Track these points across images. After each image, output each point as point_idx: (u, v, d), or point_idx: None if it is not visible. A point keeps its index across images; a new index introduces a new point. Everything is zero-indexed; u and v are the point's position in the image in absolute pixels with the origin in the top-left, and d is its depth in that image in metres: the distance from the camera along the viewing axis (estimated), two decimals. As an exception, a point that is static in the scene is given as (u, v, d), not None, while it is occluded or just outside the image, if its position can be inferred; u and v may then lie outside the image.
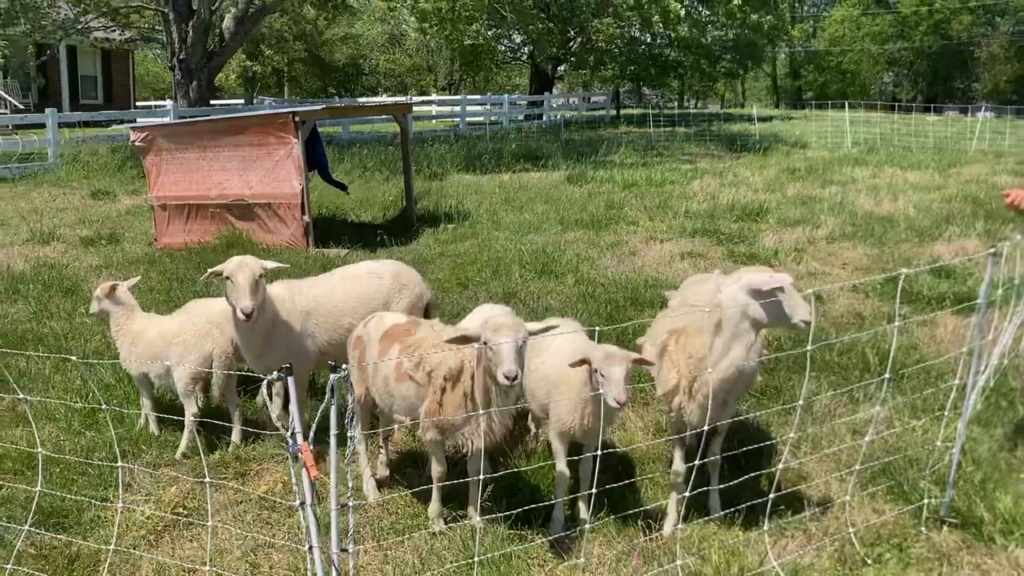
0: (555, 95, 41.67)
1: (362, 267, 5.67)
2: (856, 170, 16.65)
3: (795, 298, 3.92)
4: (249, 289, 4.65)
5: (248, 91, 46.51)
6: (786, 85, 64.15)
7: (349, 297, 5.28)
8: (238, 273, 4.68)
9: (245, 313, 4.63)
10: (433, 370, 4.22)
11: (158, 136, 11.51)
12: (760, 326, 3.98)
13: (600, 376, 3.89)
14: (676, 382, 4.28)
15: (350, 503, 2.94)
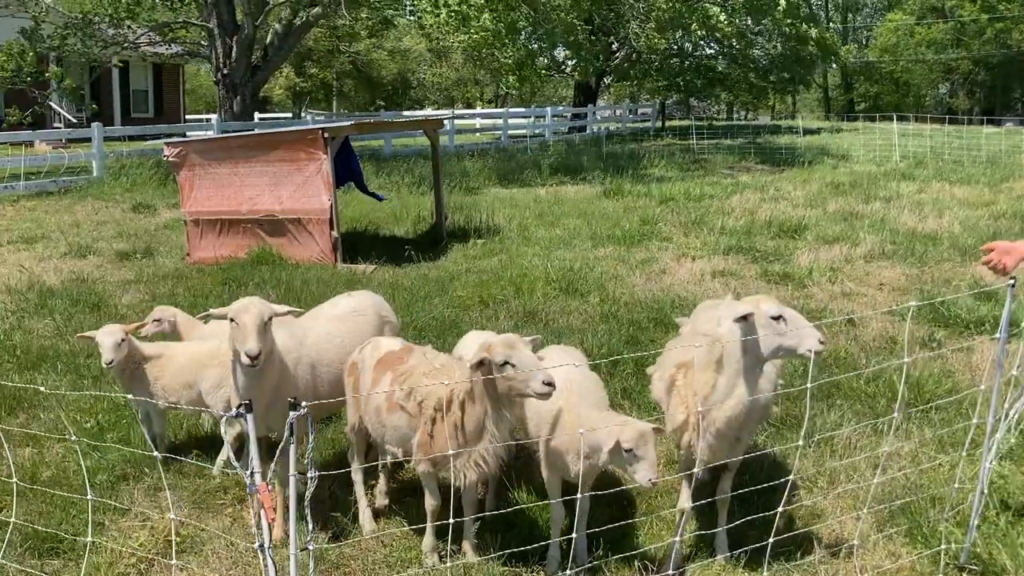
0: (600, 107, 41.49)
1: (342, 306, 5.26)
2: (902, 185, 16.20)
3: (800, 326, 3.67)
4: (256, 331, 4.10)
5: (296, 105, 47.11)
6: (837, 97, 63.12)
7: (345, 341, 4.93)
8: (243, 314, 4.14)
9: (251, 356, 4.04)
10: (423, 400, 4.09)
11: (191, 151, 11.60)
12: (762, 359, 3.75)
13: (633, 456, 3.73)
14: (684, 418, 4.09)
15: (310, 547, 2.81)
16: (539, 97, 61.37)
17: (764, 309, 3.71)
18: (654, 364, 4.84)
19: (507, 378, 3.72)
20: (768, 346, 3.69)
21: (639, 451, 3.70)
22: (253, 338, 4.05)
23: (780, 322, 3.68)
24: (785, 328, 3.67)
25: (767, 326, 3.69)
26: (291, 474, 2.75)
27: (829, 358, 6.85)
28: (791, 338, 3.67)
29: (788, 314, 3.71)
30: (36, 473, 5.15)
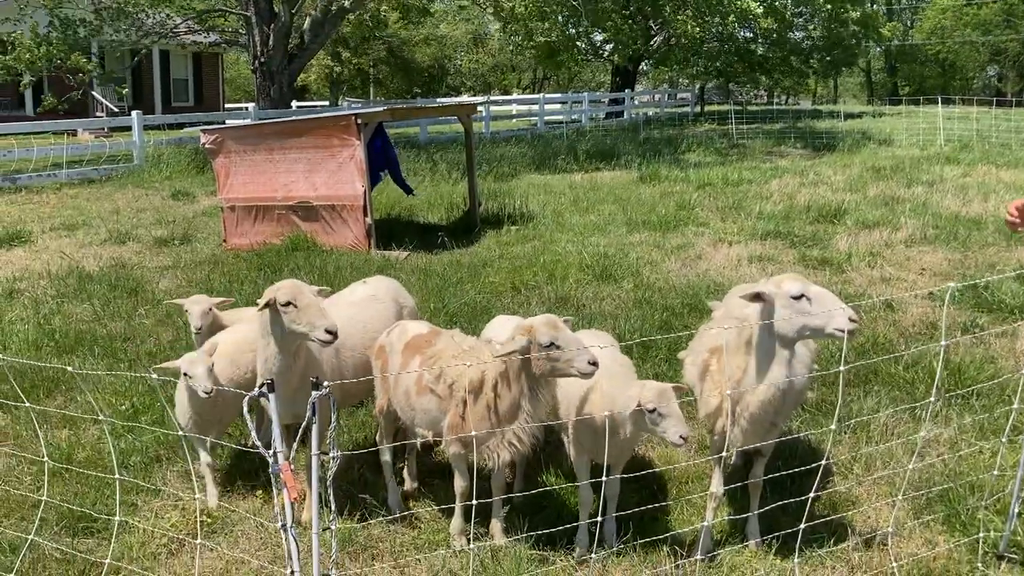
0: (638, 92, 41.16)
1: (359, 292, 5.22)
2: (946, 168, 15.84)
3: (827, 305, 3.53)
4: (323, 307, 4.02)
5: (333, 92, 47.33)
6: (881, 80, 61.97)
7: (367, 327, 4.89)
8: (302, 296, 3.99)
9: (332, 331, 3.91)
10: (454, 382, 4.07)
11: (227, 138, 11.68)
12: (788, 340, 3.64)
13: (658, 415, 3.67)
14: (718, 403, 4.01)
15: (332, 526, 2.80)
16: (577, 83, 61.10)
17: (785, 289, 3.60)
18: (686, 349, 4.77)
19: (552, 358, 3.68)
20: (792, 327, 3.57)
21: (663, 409, 3.66)
22: (326, 313, 3.96)
23: (803, 301, 3.56)
24: (809, 307, 3.54)
25: (788, 306, 3.58)
26: (313, 453, 2.74)
27: (867, 343, 6.72)
28: (818, 317, 3.53)
29: (813, 292, 3.57)
30: (72, 454, 5.22)
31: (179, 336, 7.38)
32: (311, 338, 3.99)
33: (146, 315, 8.12)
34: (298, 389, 4.21)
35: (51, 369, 6.37)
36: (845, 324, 3.47)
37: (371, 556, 4.25)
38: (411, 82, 53.65)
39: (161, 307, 8.33)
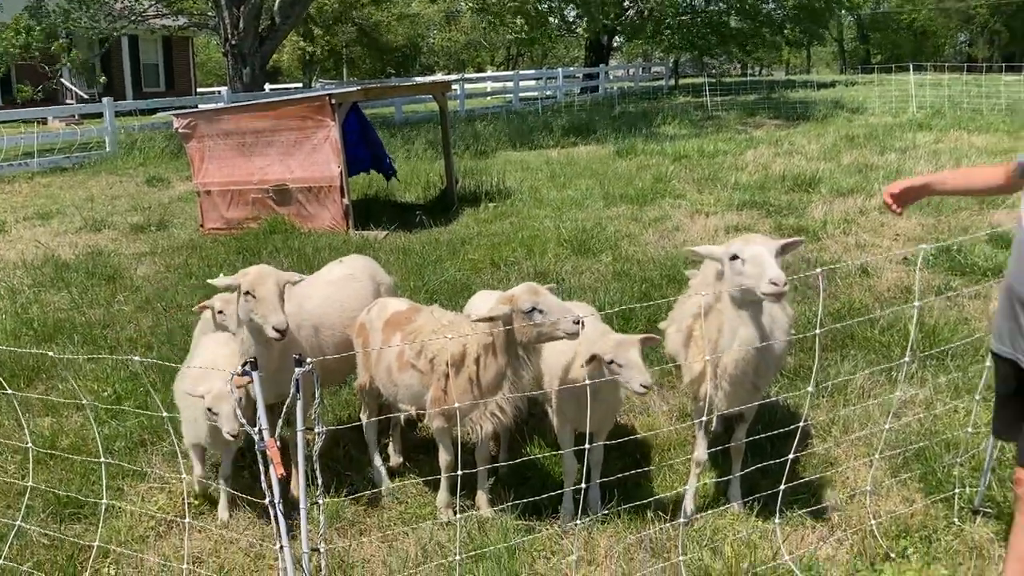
0: (612, 67, 41.08)
1: (336, 272, 5.19)
2: (918, 135, 15.98)
3: (761, 266, 3.46)
4: (280, 303, 3.96)
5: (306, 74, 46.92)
6: (853, 49, 62.16)
7: (345, 305, 4.89)
8: (262, 287, 3.95)
9: (280, 329, 3.90)
10: (435, 357, 4.10)
11: (200, 122, 11.59)
12: (738, 301, 3.61)
13: (616, 366, 3.70)
14: (702, 368, 4.05)
15: (320, 501, 2.83)
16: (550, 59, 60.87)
17: (724, 250, 3.62)
18: (666, 320, 4.82)
19: (536, 324, 3.70)
20: (733, 287, 3.58)
21: (620, 359, 3.67)
22: (279, 310, 3.94)
23: (738, 262, 3.55)
24: (743, 267, 3.53)
25: (729, 267, 3.59)
26: (298, 430, 2.77)
27: (843, 308, 6.81)
28: (751, 278, 3.50)
29: (748, 254, 3.52)
30: (55, 441, 5.21)
31: (159, 322, 7.37)
32: (264, 331, 3.98)
33: (125, 302, 8.08)
34: (278, 369, 4.21)
35: (32, 357, 6.34)
36: (766, 287, 3.41)
37: (359, 531, 4.29)
38: (384, 62, 53.26)
39: (140, 293, 8.30)
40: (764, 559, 3.65)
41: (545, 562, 3.92)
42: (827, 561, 3.72)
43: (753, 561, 3.61)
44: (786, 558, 3.65)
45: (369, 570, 3.94)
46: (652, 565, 3.69)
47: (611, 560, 3.87)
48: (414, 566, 3.87)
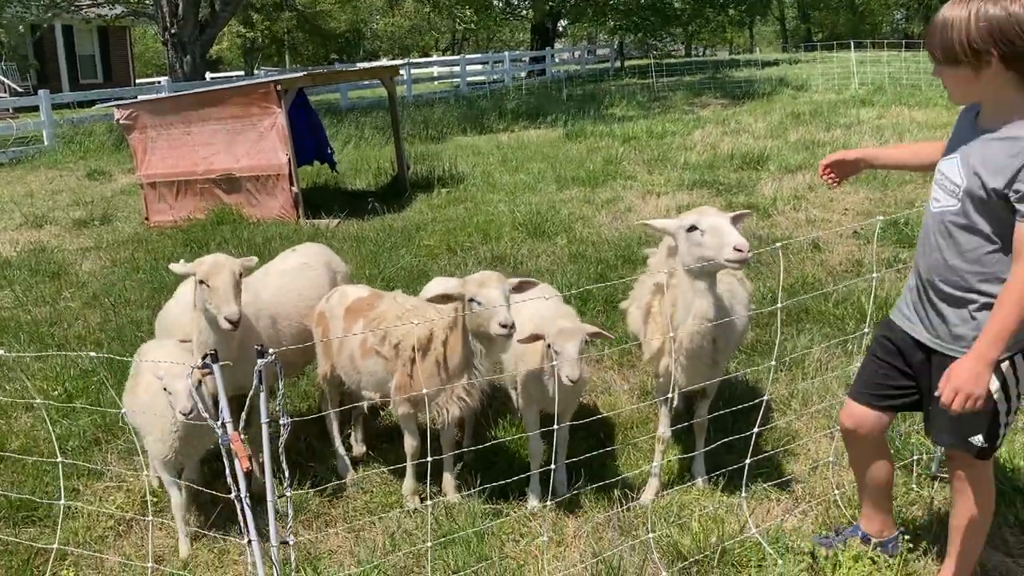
0: (558, 50, 41.07)
1: (291, 261, 5.09)
2: (862, 111, 16.23)
3: (720, 235, 3.46)
4: (234, 292, 3.88)
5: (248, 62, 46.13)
6: (795, 28, 62.92)
7: (302, 295, 4.81)
8: (216, 276, 3.88)
9: (232, 320, 3.84)
10: (400, 342, 4.06)
11: (142, 113, 11.33)
12: (696, 273, 3.59)
13: (554, 352, 3.73)
14: (661, 344, 4.06)
15: (287, 492, 2.78)
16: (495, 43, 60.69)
17: (679, 223, 3.62)
18: (626, 300, 4.82)
19: (475, 314, 3.69)
20: (692, 258, 3.56)
21: (557, 346, 3.70)
22: (232, 300, 3.86)
23: (696, 233, 3.53)
24: (701, 238, 3.51)
25: (686, 239, 3.58)
26: (263, 422, 2.71)
27: (796, 283, 6.90)
28: (711, 248, 3.48)
29: (707, 224, 3.51)
30: (4, 443, 5.06)
31: (108, 318, 7.19)
32: (217, 321, 3.91)
33: (72, 298, 7.88)
34: (237, 360, 4.12)
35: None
36: (730, 254, 3.42)
37: (324, 523, 4.24)
38: (326, 48, 52.56)
39: (87, 289, 8.10)
40: (732, 533, 3.68)
41: (514, 544, 3.91)
42: (793, 532, 3.76)
43: (721, 535, 3.64)
44: (753, 531, 3.69)
45: (337, 561, 3.89)
46: (621, 544, 3.70)
47: (580, 540, 3.87)
48: (382, 555, 3.83)
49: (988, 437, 2.91)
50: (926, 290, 2.97)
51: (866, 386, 3.25)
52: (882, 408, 3.22)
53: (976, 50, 2.61)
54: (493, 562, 3.67)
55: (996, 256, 2.75)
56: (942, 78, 2.81)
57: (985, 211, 2.73)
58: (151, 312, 6.50)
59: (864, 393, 3.25)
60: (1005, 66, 2.61)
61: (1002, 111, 2.71)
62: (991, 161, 2.69)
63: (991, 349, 2.66)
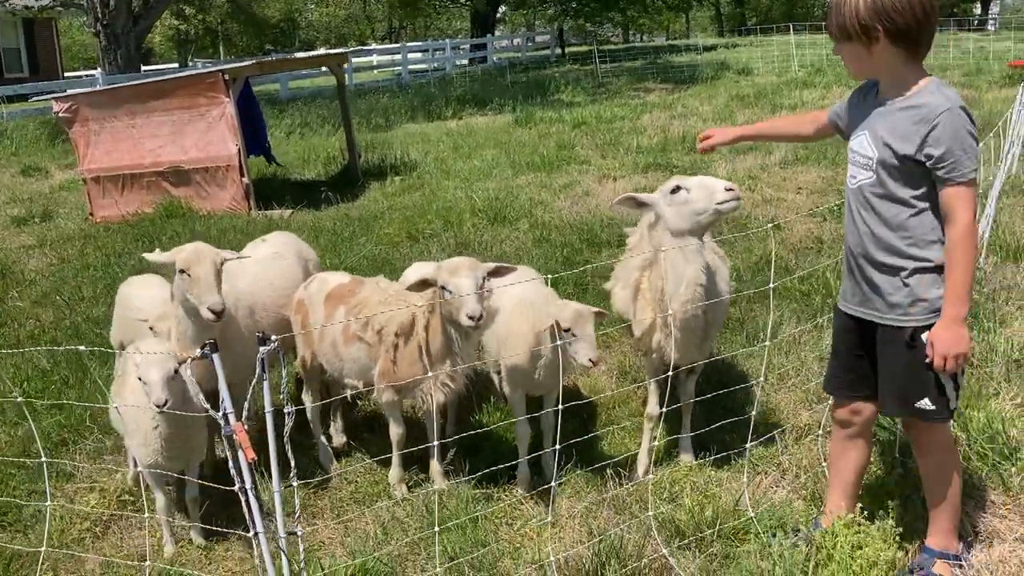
0: (497, 37, 40.97)
1: (262, 251, 4.97)
2: (804, 92, 16.52)
3: (709, 185, 3.57)
4: (216, 282, 3.79)
5: (181, 54, 45.08)
6: (730, 12, 63.72)
7: (275, 284, 4.71)
8: (198, 266, 3.78)
9: (215, 311, 3.75)
10: (383, 328, 3.99)
11: (83, 105, 10.97)
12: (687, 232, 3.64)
13: (571, 335, 3.68)
14: (652, 320, 4.06)
15: (294, 483, 2.71)
16: (433, 31, 60.29)
17: (662, 188, 3.71)
18: (610, 280, 4.81)
19: (446, 302, 3.66)
20: (683, 218, 3.61)
21: (577, 330, 3.67)
22: (214, 290, 3.76)
23: (681, 192, 3.60)
24: (688, 195, 3.58)
25: (671, 203, 3.64)
26: (267, 411, 2.63)
27: (760, 261, 6.98)
28: (701, 200, 3.56)
29: (690, 183, 3.61)
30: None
31: (61, 316, 6.97)
32: (199, 312, 3.80)
33: (20, 297, 7.61)
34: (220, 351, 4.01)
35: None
36: (724, 196, 3.52)
37: (311, 515, 4.17)
38: (260, 39, 51.58)
39: (36, 287, 7.83)
40: (726, 507, 3.70)
41: (508, 528, 3.88)
42: (783, 505, 3.80)
43: (716, 510, 3.66)
44: (747, 502, 3.72)
45: (328, 552, 3.82)
46: (619, 522, 3.70)
47: (575, 520, 3.86)
48: (375, 545, 3.77)
49: (937, 401, 2.99)
50: (859, 266, 3.06)
51: (839, 383, 3.35)
52: (864, 397, 3.28)
53: (864, 26, 2.79)
54: (490, 546, 3.64)
55: (917, 220, 2.89)
56: (841, 55, 2.98)
57: (901, 177, 2.87)
58: (108, 309, 6.31)
59: (841, 389, 3.36)
60: (891, 41, 2.81)
61: (898, 83, 2.89)
62: (898, 130, 2.85)
63: (959, 308, 2.82)
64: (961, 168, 2.75)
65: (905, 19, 2.76)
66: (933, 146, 2.75)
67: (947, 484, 3.18)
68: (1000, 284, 5.99)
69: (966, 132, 2.76)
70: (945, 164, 2.75)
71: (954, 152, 2.74)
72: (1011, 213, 7.54)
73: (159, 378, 3.37)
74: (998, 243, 6.63)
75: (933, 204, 2.87)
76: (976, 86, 16.17)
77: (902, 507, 3.58)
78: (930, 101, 2.80)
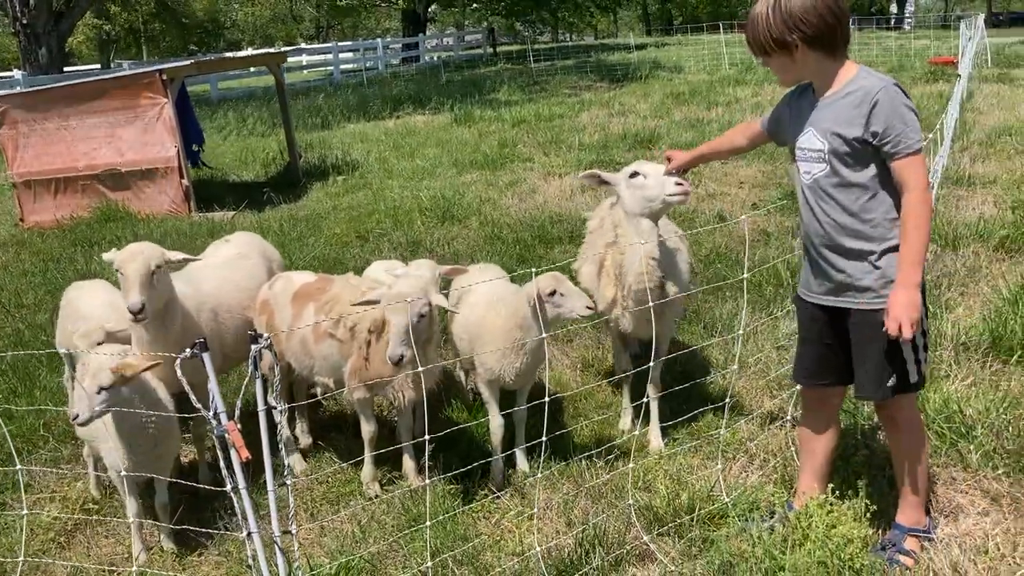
0: (429, 36, 40.83)
1: (225, 252, 4.92)
2: (737, 89, 16.85)
3: (659, 178, 3.82)
4: (139, 282, 3.75)
5: (103, 55, 43.86)
6: (656, 12, 64.61)
7: (241, 285, 4.65)
8: (128, 263, 3.78)
9: (132, 310, 3.73)
10: (356, 325, 3.97)
11: (11, 107, 10.62)
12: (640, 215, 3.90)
13: (559, 296, 3.75)
14: (614, 294, 4.21)
15: (288, 481, 2.69)
16: (361, 31, 59.77)
17: (623, 171, 3.95)
18: (577, 261, 4.86)
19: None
20: (636, 203, 3.87)
21: (561, 288, 3.76)
22: (135, 290, 3.75)
23: (638, 178, 3.85)
24: (644, 181, 3.82)
25: (629, 186, 3.90)
26: (260, 409, 2.61)
27: (711, 254, 7.12)
28: (653, 189, 3.81)
29: (647, 169, 3.87)
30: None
31: (2, 323, 6.74)
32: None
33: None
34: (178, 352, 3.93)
35: None
36: (673, 189, 3.77)
37: (284, 518, 4.11)
38: (184, 39, 50.49)
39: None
40: (701, 493, 3.78)
41: (487, 521, 3.90)
42: (756, 489, 3.89)
43: (691, 496, 3.73)
44: (722, 488, 3.80)
45: (304, 553, 3.78)
46: (598, 512, 3.75)
47: (552, 512, 3.90)
48: (353, 544, 3.75)
49: (900, 377, 3.12)
50: (823, 257, 3.17)
51: (809, 371, 3.44)
52: (832, 383, 3.41)
53: (780, 40, 2.96)
54: (472, 541, 3.65)
55: (875, 202, 3.02)
56: (770, 68, 3.13)
57: (854, 163, 3.00)
58: (51, 315, 6.13)
59: (810, 378, 3.46)
60: (809, 47, 2.97)
61: (828, 79, 3.04)
62: (842, 116, 2.99)
63: (912, 274, 2.93)
64: (907, 139, 2.88)
65: (817, 25, 2.91)
66: (876, 124, 2.89)
67: (917, 461, 3.30)
68: (941, 272, 6.22)
69: (904, 106, 2.90)
70: (890, 139, 2.88)
71: (896, 126, 2.87)
72: (946, 203, 7.84)
73: (81, 392, 3.33)
74: (937, 232, 6.88)
75: (887, 184, 2.98)
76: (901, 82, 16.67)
77: (870, 486, 3.70)
78: (864, 84, 2.95)
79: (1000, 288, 5.75)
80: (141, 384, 3.55)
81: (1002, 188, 8.35)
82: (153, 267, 3.82)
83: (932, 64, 18.76)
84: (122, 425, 3.50)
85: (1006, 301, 5.39)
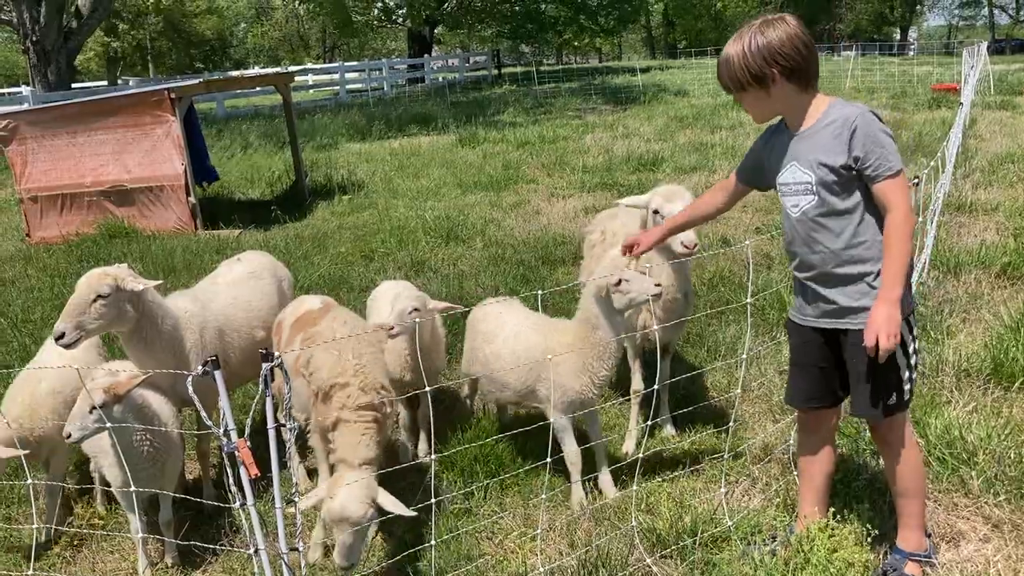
0: (435, 57, 41.11)
1: (237, 271, 4.93)
2: (741, 114, 16.92)
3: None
4: (73, 308, 3.71)
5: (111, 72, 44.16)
6: (661, 36, 65.04)
7: (252, 305, 4.68)
8: (78, 286, 3.78)
9: (54, 336, 3.73)
10: (314, 372, 3.83)
11: (21, 123, 10.72)
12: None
13: (625, 283, 3.76)
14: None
15: (296, 498, 2.72)
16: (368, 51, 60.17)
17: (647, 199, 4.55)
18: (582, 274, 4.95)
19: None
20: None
21: (626, 274, 3.76)
22: (66, 316, 3.71)
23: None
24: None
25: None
26: (270, 426, 2.64)
27: (714, 277, 7.16)
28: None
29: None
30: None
31: (8, 338, 6.77)
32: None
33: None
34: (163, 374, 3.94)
35: None
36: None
37: (290, 535, 4.12)
38: (191, 56, 50.86)
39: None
40: (704, 516, 3.80)
41: (489, 541, 3.92)
42: (758, 513, 3.91)
43: (694, 519, 3.75)
44: (724, 511, 3.82)
45: (314, 572, 3.80)
46: (601, 534, 3.76)
47: (555, 533, 3.91)
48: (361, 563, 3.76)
49: (898, 396, 3.18)
50: (819, 285, 3.20)
51: (803, 394, 3.48)
52: (827, 405, 3.45)
53: (757, 75, 3.03)
54: (476, 561, 3.67)
55: (864, 225, 3.08)
56: (743, 104, 3.20)
57: (840, 190, 3.06)
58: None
59: (805, 401, 3.49)
60: (786, 79, 3.03)
61: (802, 112, 3.12)
62: (825, 147, 3.05)
63: (893, 290, 2.98)
64: (886, 163, 2.95)
65: (794, 57, 2.99)
66: (856, 149, 2.96)
67: (912, 481, 3.33)
68: (943, 298, 6.25)
69: (880, 131, 2.98)
70: (870, 163, 2.95)
71: (875, 151, 2.95)
72: (947, 230, 7.88)
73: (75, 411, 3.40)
74: (939, 259, 6.92)
75: (872, 207, 3.05)
76: (903, 108, 16.82)
77: (871, 510, 3.72)
78: (841, 113, 3.03)
79: (1002, 315, 5.78)
80: (136, 402, 3.59)
81: (1004, 215, 8.40)
82: (93, 296, 3.75)
83: (935, 91, 18.87)
84: (119, 443, 3.53)
85: (1008, 328, 5.42)
